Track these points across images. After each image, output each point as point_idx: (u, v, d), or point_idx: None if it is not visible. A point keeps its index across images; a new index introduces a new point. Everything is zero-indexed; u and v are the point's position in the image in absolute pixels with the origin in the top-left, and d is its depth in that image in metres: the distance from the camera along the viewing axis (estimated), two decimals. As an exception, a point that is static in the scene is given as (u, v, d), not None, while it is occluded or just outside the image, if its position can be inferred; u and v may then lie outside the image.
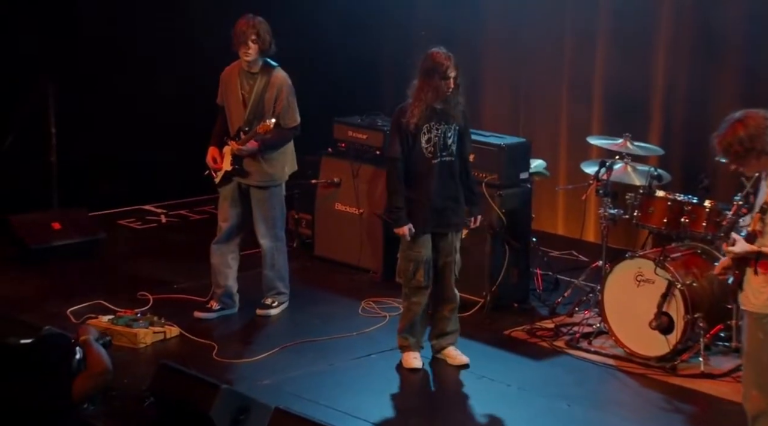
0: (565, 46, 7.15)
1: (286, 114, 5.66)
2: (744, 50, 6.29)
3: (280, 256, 5.90)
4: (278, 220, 5.84)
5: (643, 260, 5.36)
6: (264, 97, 5.62)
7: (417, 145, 4.99)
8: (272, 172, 5.74)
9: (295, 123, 5.72)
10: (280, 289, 5.96)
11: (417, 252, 5.08)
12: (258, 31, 5.55)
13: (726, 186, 6.08)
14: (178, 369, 4.45)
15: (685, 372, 5.15)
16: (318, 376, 5.21)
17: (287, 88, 5.67)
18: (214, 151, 5.76)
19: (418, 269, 5.08)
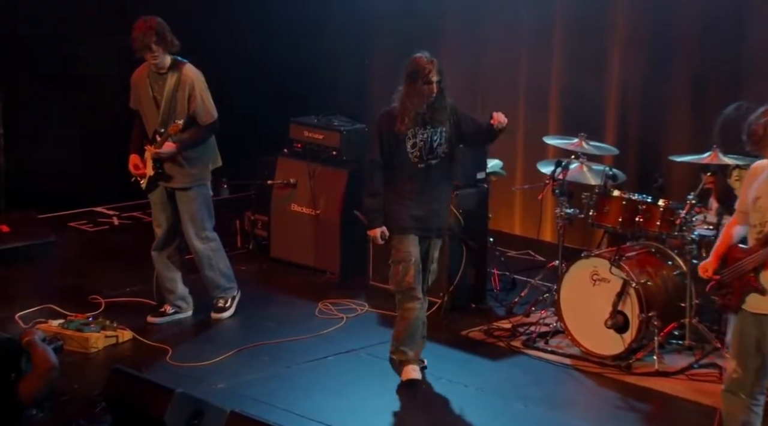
0: (521, 47, 7.21)
1: (201, 111, 5.58)
2: (695, 52, 6.41)
3: (216, 254, 5.84)
4: (206, 221, 5.77)
5: (598, 259, 5.43)
6: (176, 96, 5.55)
7: (401, 149, 4.94)
8: (195, 172, 5.67)
9: (211, 119, 5.63)
10: (225, 285, 5.90)
11: (405, 252, 4.99)
12: (157, 32, 5.46)
13: (680, 185, 6.20)
14: (131, 373, 4.42)
15: (640, 370, 5.23)
16: (274, 379, 5.20)
17: (199, 83, 5.58)
18: (135, 158, 5.70)
19: (407, 270, 4.98)
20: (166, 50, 5.53)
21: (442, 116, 4.96)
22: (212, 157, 5.79)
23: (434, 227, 5.08)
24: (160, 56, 5.52)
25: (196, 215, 5.71)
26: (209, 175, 5.80)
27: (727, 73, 6.27)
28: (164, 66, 5.58)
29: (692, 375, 5.16)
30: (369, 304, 6.17)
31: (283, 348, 5.55)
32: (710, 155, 5.36)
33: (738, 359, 4.11)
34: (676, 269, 5.46)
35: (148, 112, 5.67)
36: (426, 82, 4.89)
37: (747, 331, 4.08)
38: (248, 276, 6.70)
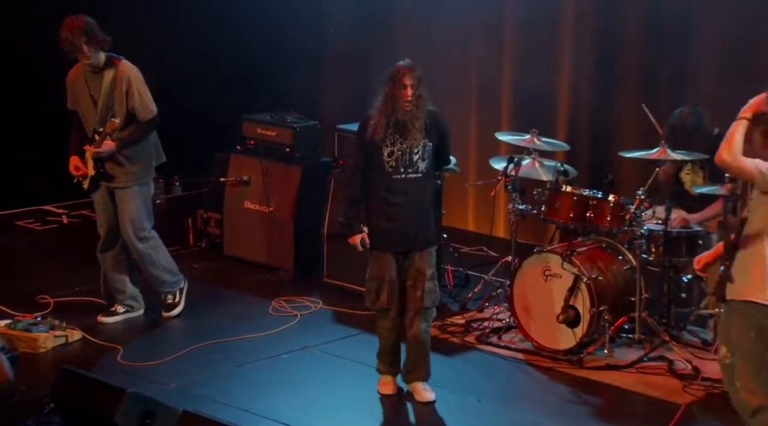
0: (473, 43, 7.27)
1: (139, 106, 5.52)
2: (644, 48, 6.51)
3: (157, 251, 5.76)
4: (145, 220, 5.69)
5: (550, 255, 5.50)
6: (114, 94, 5.50)
7: (378, 157, 4.78)
8: (136, 170, 5.62)
9: (151, 114, 5.57)
10: (170, 280, 5.85)
11: (380, 271, 4.83)
12: (85, 32, 5.39)
13: (629, 181, 6.30)
14: (81, 373, 4.39)
15: (591, 364, 5.30)
16: (227, 378, 5.19)
17: (136, 79, 5.52)
18: (75, 159, 5.64)
19: (381, 289, 4.83)
20: (97, 49, 5.47)
21: (420, 127, 4.75)
22: (154, 154, 5.74)
23: (418, 239, 4.85)
24: (92, 56, 5.46)
25: (134, 215, 5.65)
26: (151, 173, 5.75)
27: (676, 69, 6.38)
28: (99, 64, 5.52)
29: (642, 368, 5.25)
30: (323, 301, 6.18)
31: (237, 346, 5.54)
32: (658, 151, 5.46)
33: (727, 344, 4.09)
34: (626, 264, 5.56)
35: (86, 111, 5.61)
36: (400, 86, 4.71)
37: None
38: (201, 274, 6.67)
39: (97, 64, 5.51)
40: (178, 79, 7.83)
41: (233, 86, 7.99)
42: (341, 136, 6.49)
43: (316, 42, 7.99)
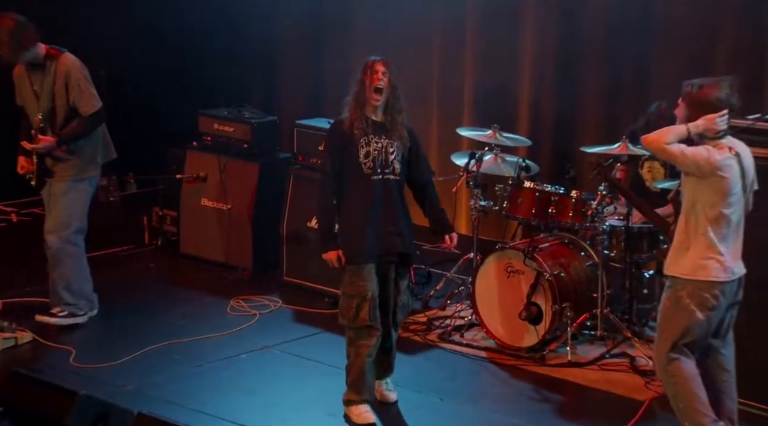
0: (434, 37, 7.27)
1: (79, 101, 5.37)
2: (607, 42, 6.54)
3: (70, 260, 5.47)
4: (74, 220, 5.46)
5: (512, 251, 5.50)
6: (54, 89, 5.37)
7: (354, 158, 4.49)
8: (73, 164, 5.44)
9: (92, 109, 5.39)
10: (67, 300, 5.53)
11: (360, 286, 4.50)
12: (12, 33, 5.24)
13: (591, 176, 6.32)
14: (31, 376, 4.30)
15: (553, 361, 5.31)
16: (184, 379, 5.13)
17: (76, 73, 5.36)
18: (23, 159, 5.52)
19: (362, 306, 4.50)
20: (28, 46, 5.32)
21: (398, 127, 4.55)
22: (99, 150, 5.56)
23: (394, 251, 4.58)
24: (25, 54, 5.32)
25: (62, 210, 5.45)
26: (93, 170, 5.55)
27: (637, 65, 6.42)
28: (37, 59, 5.39)
29: (604, 365, 5.28)
30: (282, 300, 6.14)
31: (194, 346, 5.47)
32: (620, 146, 5.48)
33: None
34: (588, 260, 5.58)
35: (30, 107, 5.50)
36: (371, 71, 4.49)
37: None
38: (157, 273, 6.59)
39: (36, 58, 5.39)
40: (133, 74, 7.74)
41: (189, 81, 7.91)
42: (300, 131, 6.44)
43: (274, 37, 7.93)
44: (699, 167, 4.10)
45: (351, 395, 4.71)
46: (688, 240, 4.16)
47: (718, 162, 4.09)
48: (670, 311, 4.22)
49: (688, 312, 4.16)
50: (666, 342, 4.22)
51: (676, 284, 4.20)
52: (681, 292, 4.17)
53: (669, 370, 4.22)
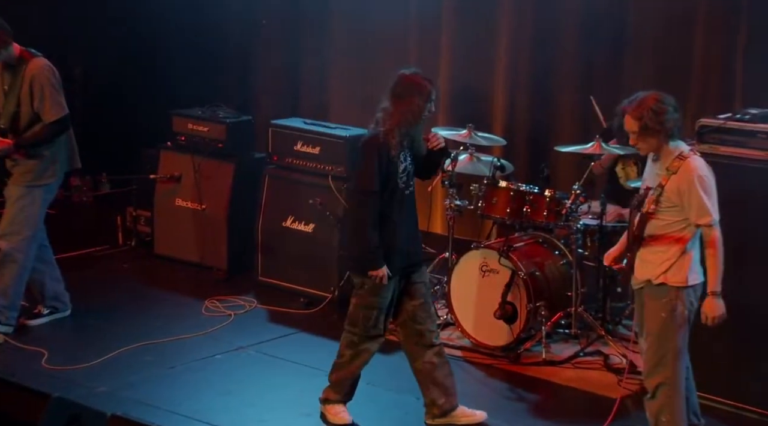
0: (410, 38, 7.28)
1: (42, 107, 5.32)
2: (580, 42, 6.59)
3: (13, 267, 5.36)
4: (24, 228, 5.35)
5: (487, 251, 5.54)
6: (20, 92, 5.33)
7: (392, 175, 4.49)
8: (31, 169, 5.38)
9: (54, 116, 5.34)
10: (1, 303, 5.41)
11: (381, 298, 4.56)
12: None
13: (565, 175, 6.38)
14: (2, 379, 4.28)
15: (528, 360, 5.36)
16: (159, 380, 5.12)
17: (42, 79, 5.32)
18: None
19: (380, 317, 4.58)
20: (1, 47, 5.28)
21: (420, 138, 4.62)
22: (61, 158, 5.49)
23: (418, 257, 4.70)
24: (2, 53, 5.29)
25: (14, 216, 5.37)
26: (53, 177, 5.46)
27: (612, 64, 6.47)
28: (12, 60, 5.36)
29: (578, 363, 5.33)
30: (258, 300, 6.14)
31: (168, 347, 5.47)
32: (593, 145, 5.54)
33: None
34: (562, 259, 5.63)
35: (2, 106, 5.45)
36: (428, 100, 4.49)
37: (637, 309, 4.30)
38: (131, 274, 6.58)
39: (9, 59, 5.36)
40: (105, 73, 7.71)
41: (163, 80, 7.88)
42: (275, 131, 6.45)
43: (249, 36, 7.92)
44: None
45: (330, 394, 4.73)
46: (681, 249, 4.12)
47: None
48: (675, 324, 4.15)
49: (684, 319, 4.15)
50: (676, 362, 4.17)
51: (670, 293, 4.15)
52: (676, 300, 4.14)
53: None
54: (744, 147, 4.65)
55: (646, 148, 4.16)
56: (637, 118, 4.09)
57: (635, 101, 4.13)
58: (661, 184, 4.11)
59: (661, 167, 4.15)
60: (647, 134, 4.10)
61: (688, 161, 4.09)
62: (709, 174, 4.12)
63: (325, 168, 6.17)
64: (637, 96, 4.16)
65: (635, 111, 4.10)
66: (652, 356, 4.21)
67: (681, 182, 4.07)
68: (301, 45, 7.62)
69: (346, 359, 4.70)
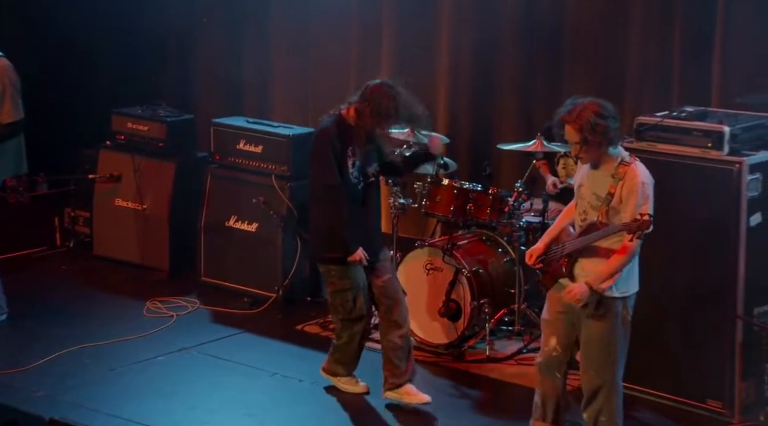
0: (352, 33, 7.29)
1: (1, 108, 5.31)
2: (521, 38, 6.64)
3: None
4: None
5: (431, 249, 5.58)
6: None
7: (345, 170, 4.77)
8: None
9: (11, 118, 5.35)
10: None
11: (352, 280, 4.83)
12: None
13: (507, 173, 6.46)
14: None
15: (472, 357, 5.41)
16: (99, 383, 5.08)
17: (6, 80, 5.31)
18: None
19: (357, 298, 4.85)
20: None
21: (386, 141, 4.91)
22: (11, 162, 5.47)
23: (380, 245, 4.96)
24: None
25: None
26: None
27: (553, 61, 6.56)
28: None
29: (521, 360, 5.39)
30: (201, 300, 6.12)
31: (109, 349, 5.42)
32: (535, 143, 5.61)
33: (559, 337, 4.34)
34: (506, 256, 5.69)
35: None
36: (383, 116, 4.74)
37: (564, 310, 4.31)
38: (70, 275, 6.50)
39: None
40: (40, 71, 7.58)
41: (101, 79, 7.78)
42: (217, 130, 6.42)
43: (189, 33, 7.87)
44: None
45: (338, 369, 5.05)
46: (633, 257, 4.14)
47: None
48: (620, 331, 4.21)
49: (627, 326, 4.21)
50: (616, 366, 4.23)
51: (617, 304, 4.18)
52: (622, 309, 4.20)
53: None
54: (680, 144, 4.76)
55: (588, 158, 4.17)
56: (578, 130, 4.11)
57: (574, 112, 4.11)
58: (611, 193, 4.13)
59: (606, 174, 4.17)
60: (588, 146, 4.12)
61: (631, 167, 4.13)
62: (649, 180, 4.15)
63: (269, 167, 6.16)
64: (576, 104, 4.14)
65: (575, 123, 4.10)
66: (594, 361, 4.25)
67: (625, 188, 4.11)
68: (243, 43, 7.59)
69: (343, 341, 5.00)
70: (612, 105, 4.19)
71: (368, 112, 4.75)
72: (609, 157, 4.17)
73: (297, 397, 5.05)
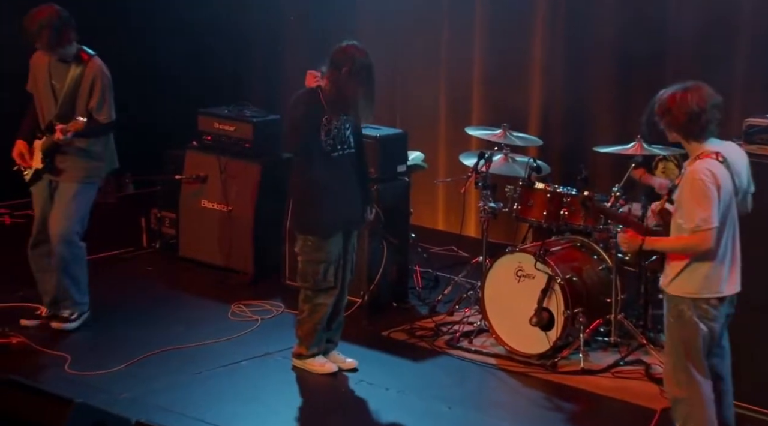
0: (442, 34, 7.28)
1: (100, 109, 5.47)
2: (618, 39, 6.54)
3: (77, 263, 5.59)
4: (78, 223, 5.53)
5: (523, 255, 5.51)
6: (77, 90, 5.44)
7: (318, 138, 4.95)
8: (88, 167, 5.54)
9: (110, 119, 5.52)
10: (77, 299, 5.65)
11: (328, 252, 5.06)
12: (55, 27, 5.31)
13: (604, 177, 6.34)
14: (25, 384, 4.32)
15: (566, 369, 5.33)
16: (184, 386, 5.15)
17: (104, 80, 5.46)
18: (22, 145, 5.54)
19: (328, 269, 5.06)
20: (66, 44, 5.40)
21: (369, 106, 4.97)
22: (109, 158, 5.66)
23: (356, 220, 5.17)
24: (60, 51, 5.41)
25: (71, 213, 5.52)
26: (100, 176, 5.65)
27: (651, 62, 6.43)
28: (68, 57, 5.47)
29: (618, 372, 5.29)
30: (285, 304, 6.15)
31: (194, 353, 5.50)
32: (634, 146, 5.50)
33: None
34: (601, 264, 5.59)
35: (45, 101, 5.54)
36: (352, 70, 4.86)
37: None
38: (155, 277, 6.62)
39: (65, 57, 5.46)
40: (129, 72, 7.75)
41: (187, 79, 7.92)
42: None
43: (275, 32, 7.95)
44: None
45: (303, 349, 5.21)
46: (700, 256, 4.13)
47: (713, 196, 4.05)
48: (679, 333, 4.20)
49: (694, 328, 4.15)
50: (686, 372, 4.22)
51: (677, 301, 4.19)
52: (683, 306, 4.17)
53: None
54: (793, 147, 4.60)
55: (673, 139, 4.20)
56: (663, 112, 4.14)
57: (669, 92, 4.15)
58: (675, 185, 4.19)
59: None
60: (670, 130, 4.14)
61: (695, 163, 4.11)
62: (708, 179, 4.04)
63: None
64: (677, 86, 4.16)
65: (663, 104, 4.14)
66: (667, 365, 4.26)
67: (683, 182, 4.12)
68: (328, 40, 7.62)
69: (305, 314, 5.16)
70: (720, 100, 4.12)
71: (346, 72, 4.85)
72: (692, 149, 4.15)
73: (384, 405, 5.04)
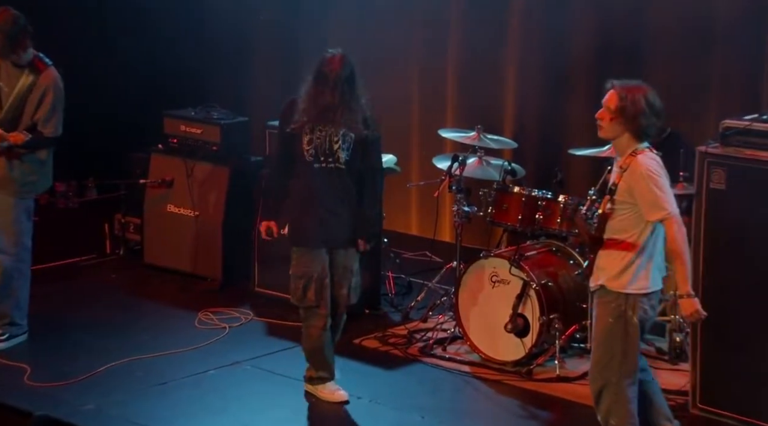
0: (416, 34, 7.28)
1: (46, 122, 5.39)
2: (593, 41, 6.57)
3: (21, 279, 5.49)
4: (24, 236, 5.45)
5: (497, 260, 5.52)
6: (26, 99, 5.36)
7: (298, 146, 4.86)
8: (25, 180, 5.43)
9: (55, 133, 5.43)
10: (15, 320, 5.54)
11: (305, 267, 4.91)
12: (8, 35, 5.25)
13: (580, 180, 6.36)
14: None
15: (541, 376, 5.33)
16: (149, 397, 5.11)
17: (56, 92, 5.39)
18: None
19: (308, 287, 4.91)
20: (20, 51, 5.34)
21: (351, 119, 4.83)
22: (47, 172, 5.55)
23: (339, 238, 4.93)
24: (13, 57, 5.33)
25: (14, 228, 5.42)
26: (34, 192, 5.53)
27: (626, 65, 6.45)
28: (22, 62, 5.40)
29: (595, 379, 5.29)
30: (254, 312, 6.13)
31: (159, 362, 5.45)
32: (610, 148, 5.51)
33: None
34: (577, 268, 5.59)
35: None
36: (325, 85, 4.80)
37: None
38: (119, 284, 6.57)
39: (20, 62, 5.40)
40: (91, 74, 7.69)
41: (151, 81, 7.87)
42: (273, 133, 6.42)
43: (242, 33, 7.92)
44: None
45: (311, 372, 5.09)
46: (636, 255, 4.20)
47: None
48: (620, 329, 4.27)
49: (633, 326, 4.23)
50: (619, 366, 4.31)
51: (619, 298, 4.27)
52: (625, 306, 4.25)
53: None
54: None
55: (608, 131, 4.24)
56: (620, 99, 4.18)
57: (629, 84, 4.20)
58: (615, 183, 4.23)
59: (617, 165, 4.28)
60: (617, 119, 4.17)
61: (637, 158, 4.18)
62: (658, 170, 4.16)
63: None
64: (632, 82, 4.22)
65: (622, 90, 4.18)
66: (597, 360, 4.31)
67: (631, 179, 4.17)
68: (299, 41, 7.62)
69: (303, 335, 5.08)
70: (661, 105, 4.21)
71: (331, 83, 4.80)
72: (625, 147, 4.22)
73: (356, 414, 5.03)
